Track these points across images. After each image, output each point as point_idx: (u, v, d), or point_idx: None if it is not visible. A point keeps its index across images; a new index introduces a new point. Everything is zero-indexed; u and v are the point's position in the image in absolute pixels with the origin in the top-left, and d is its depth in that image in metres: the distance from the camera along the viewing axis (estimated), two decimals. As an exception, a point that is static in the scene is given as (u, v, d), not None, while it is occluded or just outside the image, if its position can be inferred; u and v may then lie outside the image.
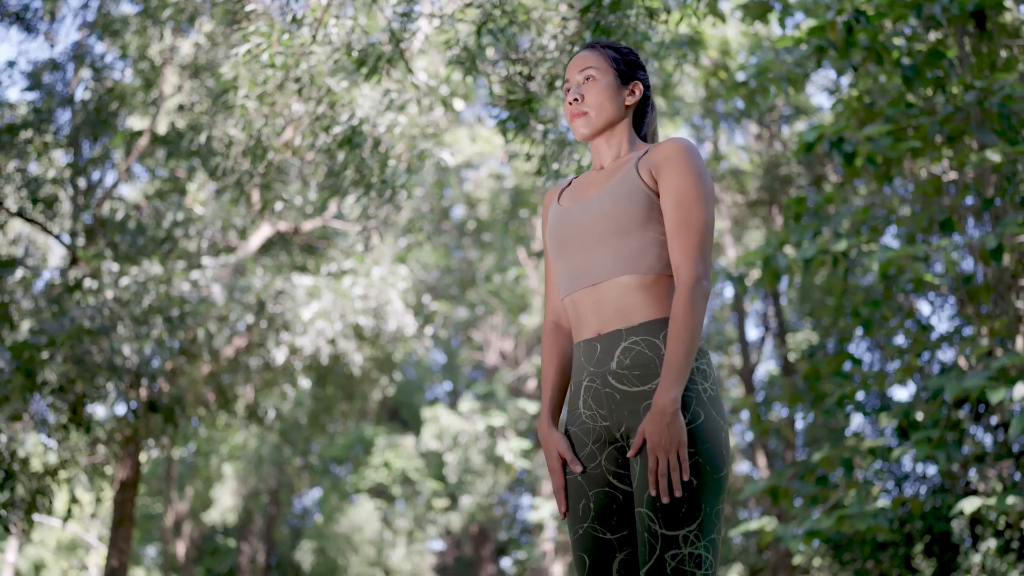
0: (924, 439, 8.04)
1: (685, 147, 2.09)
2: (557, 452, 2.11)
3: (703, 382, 2.03)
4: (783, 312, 14.86)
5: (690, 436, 1.97)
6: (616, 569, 2.06)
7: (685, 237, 2.02)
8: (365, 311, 9.39)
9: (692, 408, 2.00)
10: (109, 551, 10.69)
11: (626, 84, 2.25)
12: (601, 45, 2.29)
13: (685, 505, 1.95)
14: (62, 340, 8.16)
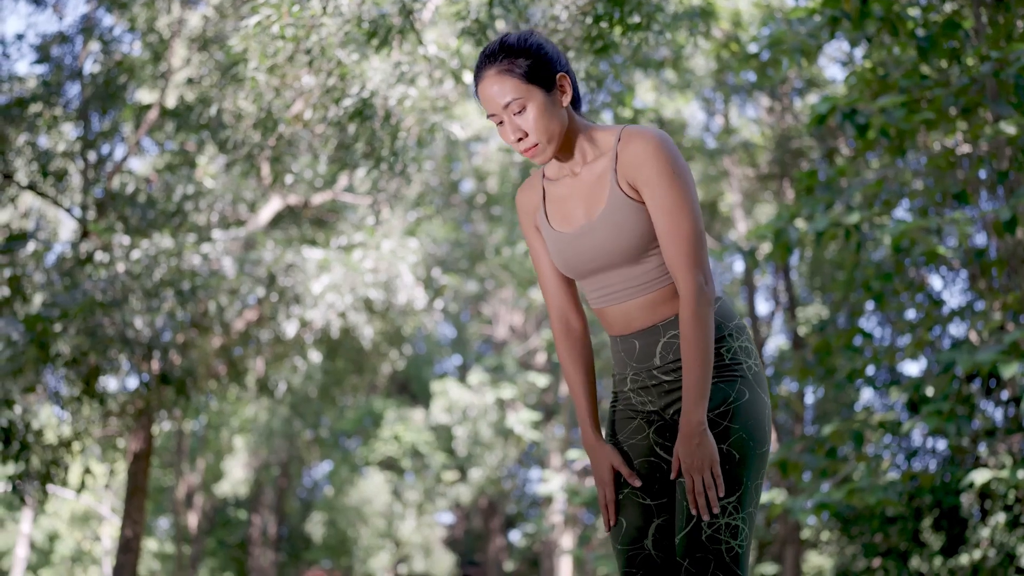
0: (934, 412, 8.03)
1: (656, 146, 1.97)
2: (610, 464, 2.08)
3: (747, 360, 2.06)
4: (793, 286, 14.83)
5: (735, 413, 2.01)
6: (652, 533, 2.09)
7: (677, 247, 1.95)
8: (375, 284, 9.39)
9: (737, 387, 2.03)
10: (123, 521, 10.79)
11: (553, 87, 2.03)
12: (502, 57, 2.01)
13: (726, 478, 1.99)
14: (75, 313, 8.19)
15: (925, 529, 13.62)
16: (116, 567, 10.71)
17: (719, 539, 1.96)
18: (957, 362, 7.72)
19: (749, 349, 2.07)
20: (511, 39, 2.04)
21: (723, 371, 2.03)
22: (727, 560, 1.96)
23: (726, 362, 2.03)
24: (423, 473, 18.52)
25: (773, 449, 12.52)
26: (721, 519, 1.97)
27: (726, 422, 2.00)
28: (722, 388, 2.02)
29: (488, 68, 2.03)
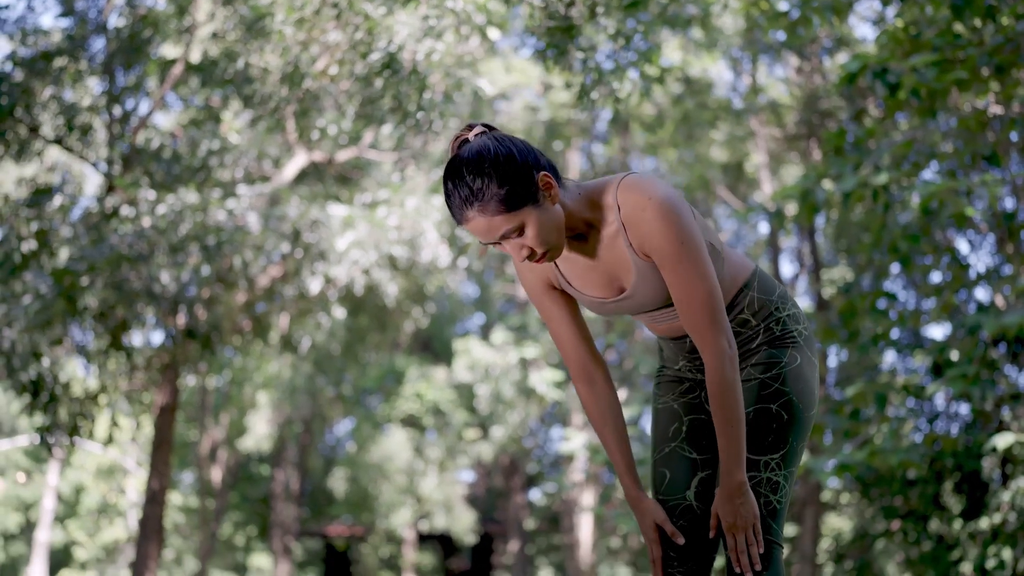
0: (959, 376, 8.00)
1: (656, 215, 1.85)
2: (654, 522, 2.06)
3: (796, 325, 2.08)
4: (818, 249, 14.73)
5: (786, 377, 2.03)
6: (695, 485, 2.11)
7: (695, 316, 1.89)
8: (399, 241, 9.40)
9: (789, 352, 2.05)
10: (149, 474, 10.94)
11: (538, 196, 1.87)
12: (475, 201, 1.84)
13: (772, 436, 2.01)
14: (102, 267, 8.26)
15: (946, 493, 13.61)
16: (143, 519, 10.87)
17: (760, 493, 1.99)
18: (983, 325, 7.68)
19: (797, 315, 2.09)
20: (472, 171, 1.84)
21: (776, 342, 2.05)
22: (764, 513, 1.99)
23: (777, 334, 2.06)
24: (445, 431, 18.64)
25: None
26: (763, 473, 2.00)
27: (777, 384, 2.02)
28: (775, 353, 2.04)
29: (465, 211, 1.86)
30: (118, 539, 24.09)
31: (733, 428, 1.90)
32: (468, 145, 1.89)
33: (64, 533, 26.10)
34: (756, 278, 2.07)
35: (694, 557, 2.06)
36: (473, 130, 1.92)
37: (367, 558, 20.90)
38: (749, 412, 2.02)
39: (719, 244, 2.01)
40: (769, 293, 2.07)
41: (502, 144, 1.87)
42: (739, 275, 2.04)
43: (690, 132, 14.42)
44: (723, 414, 1.89)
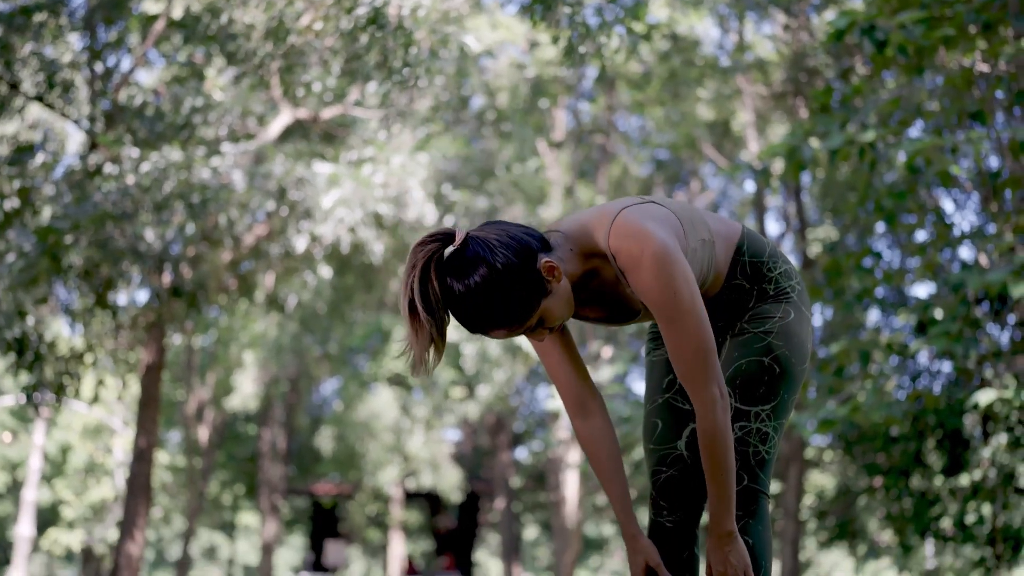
0: (942, 334, 8.06)
1: (652, 270, 1.83)
2: (645, 562, 2.05)
3: (788, 281, 2.09)
4: (804, 208, 14.76)
5: (779, 331, 2.04)
6: (686, 435, 2.13)
7: (687, 365, 1.87)
8: (385, 199, 9.37)
9: (783, 307, 2.06)
10: (136, 432, 10.95)
11: (547, 288, 1.85)
12: (490, 320, 1.82)
13: (764, 388, 2.04)
14: (86, 224, 8.20)
15: (927, 450, 13.77)
16: (130, 477, 10.90)
17: (748, 442, 2.02)
18: (967, 283, 7.72)
19: (789, 271, 2.10)
20: (480, 302, 1.79)
21: (770, 300, 2.06)
22: (752, 463, 2.02)
23: (771, 293, 2.06)
24: (431, 390, 18.71)
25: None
26: (753, 423, 2.02)
27: (770, 339, 2.04)
28: (768, 308, 2.06)
29: (481, 332, 1.87)
30: (105, 498, 24.17)
31: (722, 476, 1.89)
32: (463, 268, 1.81)
33: (51, 492, 26.17)
34: (746, 242, 2.07)
35: (684, 506, 2.08)
36: (455, 240, 1.83)
37: (354, 516, 21.05)
38: (741, 364, 2.03)
39: (709, 233, 2.00)
40: (760, 254, 2.06)
41: (497, 254, 1.81)
42: (730, 247, 2.04)
43: (676, 90, 14.36)
44: (712, 461, 1.89)
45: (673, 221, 1.92)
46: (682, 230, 1.93)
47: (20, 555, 21.26)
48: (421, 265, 1.80)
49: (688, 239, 1.93)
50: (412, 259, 1.81)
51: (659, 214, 1.91)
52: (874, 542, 21.46)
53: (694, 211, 2.02)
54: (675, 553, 2.07)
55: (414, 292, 1.79)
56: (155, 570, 34.33)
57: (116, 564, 10.53)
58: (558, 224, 1.98)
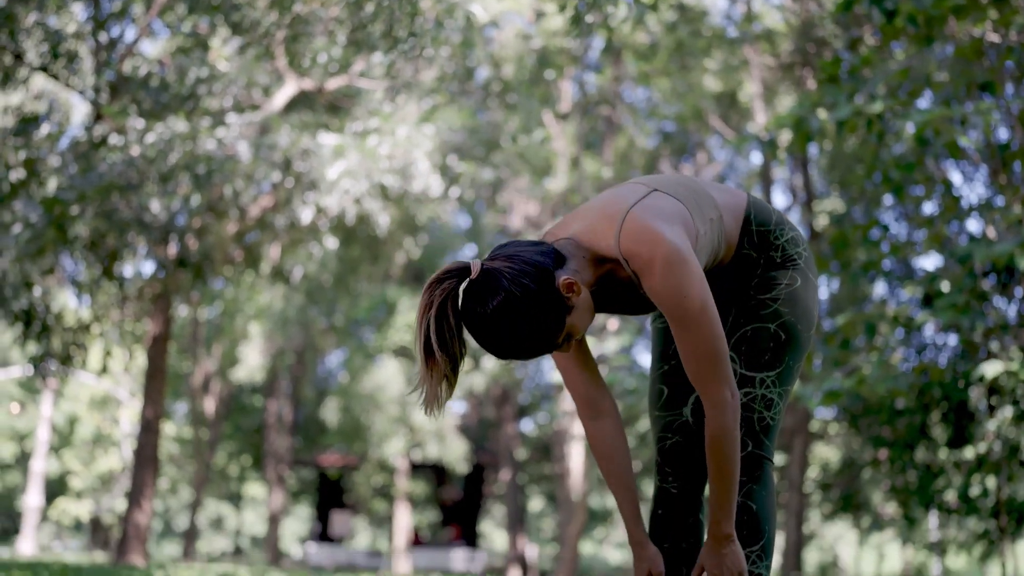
0: (948, 305, 8.04)
1: (663, 274, 1.82)
2: (648, 570, 2.04)
3: (795, 248, 2.07)
4: (811, 180, 14.70)
5: (786, 298, 2.03)
6: (691, 402, 2.13)
7: (698, 367, 1.86)
8: (391, 171, 9.34)
9: (790, 274, 2.05)
10: (143, 403, 10.99)
11: (569, 305, 1.85)
12: (521, 351, 1.83)
13: (769, 354, 2.03)
14: (91, 195, 8.20)
15: (932, 423, 13.79)
16: (137, 448, 10.96)
17: (753, 408, 2.02)
18: (974, 255, 7.70)
19: (796, 238, 2.08)
20: (509, 336, 1.80)
21: (777, 267, 2.04)
22: (757, 429, 2.01)
23: (778, 260, 2.05)
24: (437, 362, 18.71)
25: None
26: (758, 390, 2.02)
27: (776, 305, 2.03)
28: (775, 275, 2.04)
29: (520, 359, 1.89)
30: (113, 469, 24.34)
31: (726, 480, 1.88)
32: (485, 302, 1.80)
33: (59, 463, 26.36)
34: (752, 211, 2.05)
35: (689, 472, 2.09)
36: (471, 273, 1.82)
37: (360, 487, 21.14)
38: (747, 330, 2.03)
39: (716, 209, 1.98)
40: (767, 222, 2.04)
41: (516, 284, 1.79)
42: (738, 219, 2.02)
43: (683, 61, 14.28)
44: (717, 464, 1.87)
45: (680, 212, 1.90)
46: (691, 219, 1.90)
47: (29, 525, 21.44)
48: (438, 304, 1.79)
49: (697, 224, 1.92)
50: (428, 297, 1.80)
51: (666, 209, 1.88)
52: (878, 514, 21.55)
53: (699, 188, 2.00)
54: (681, 519, 2.08)
55: (431, 331, 1.78)
56: (163, 540, 34.61)
57: (124, 533, 10.61)
58: (565, 227, 1.95)
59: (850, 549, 28.38)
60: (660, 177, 2.01)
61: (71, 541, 33.38)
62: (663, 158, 17.30)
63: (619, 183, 2.08)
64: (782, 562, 13.26)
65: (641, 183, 1.97)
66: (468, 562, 20.61)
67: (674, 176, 2.03)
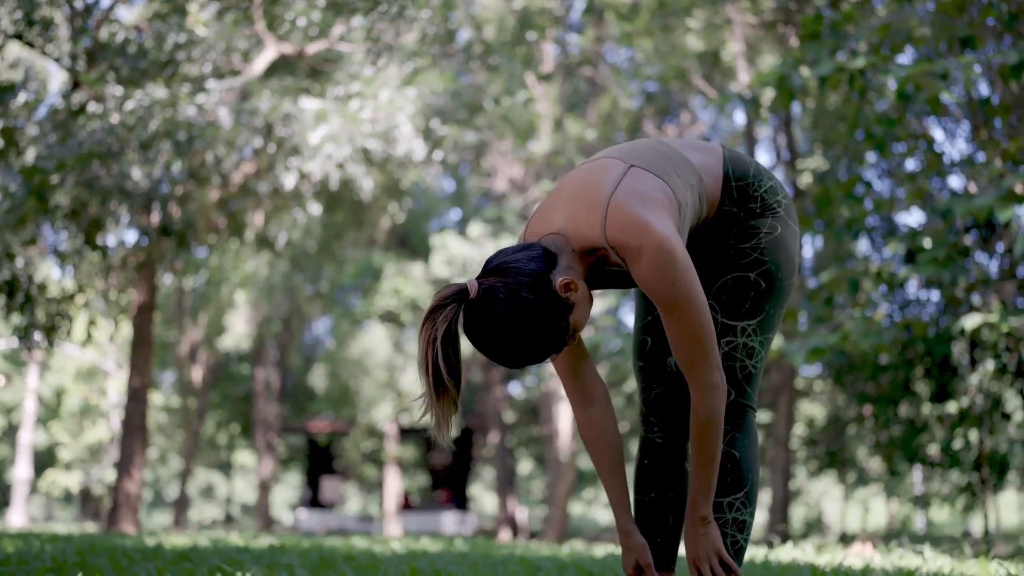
0: (931, 259, 8.09)
1: (651, 263, 1.82)
2: (637, 561, 2.04)
3: (775, 196, 2.07)
4: (794, 139, 14.70)
5: (766, 247, 2.04)
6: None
7: (687, 352, 1.86)
8: (374, 135, 9.30)
9: (770, 222, 2.05)
10: (130, 372, 10.98)
11: (570, 304, 1.86)
12: (528, 359, 1.86)
13: (749, 303, 2.04)
14: (71, 164, 8.14)
15: (916, 378, 13.92)
16: (126, 417, 10.96)
17: (735, 357, 2.03)
18: (954, 209, 7.74)
19: (774, 187, 2.07)
20: (515, 347, 1.82)
21: (756, 216, 2.04)
22: (739, 377, 2.03)
23: (757, 211, 2.04)
24: (423, 327, 18.74)
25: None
26: (739, 338, 2.04)
27: (756, 254, 2.04)
28: (755, 223, 2.04)
29: (535, 363, 1.91)
30: (101, 440, 24.36)
31: (709, 464, 1.89)
32: (489, 320, 1.81)
33: (47, 435, 26.36)
34: (730, 167, 2.04)
35: (673, 422, 2.10)
36: (470, 293, 1.82)
37: (349, 453, 21.24)
38: (727, 279, 2.04)
39: (695, 173, 1.97)
40: (744, 176, 2.04)
41: (516, 298, 1.80)
42: (717, 178, 2.02)
43: (666, 21, 14.20)
44: (701, 447, 1.89)
45: (661, 191, 1.88)
46: (672, 194, 1.89)
47: (19, 497, 21.47)
48: (443, 333, 1.79)
49: (678, 196, 1.91)
50: (431, 328, 1.80)
51: (647, 191, 1.86)
52: (863, 470, 21.79)
53: (675, 155, 1.98)
54: (666, 468, 2.10)
55: (439, 361, 1.79)
56: (153, 510, 34.72)
57: (115, 502, 10.64)
58: (545, 219, 1.92)
59: (835, 504, 28.73)
60: (635, 147, 1.99)
61: (62, 512, 33.46)
62: (646, 119, 17.26)
63: (593, 158, 2.05)
64: (768, 518, 13.42)
65: (617, 158, 1.95)
66: (459, 525, 20.77)
67: (649, 143, 2.01)
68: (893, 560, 4.56)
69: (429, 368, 1.80)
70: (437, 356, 1.79)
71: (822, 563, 4.24)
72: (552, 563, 4.47)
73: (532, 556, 5.31)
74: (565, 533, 16.34)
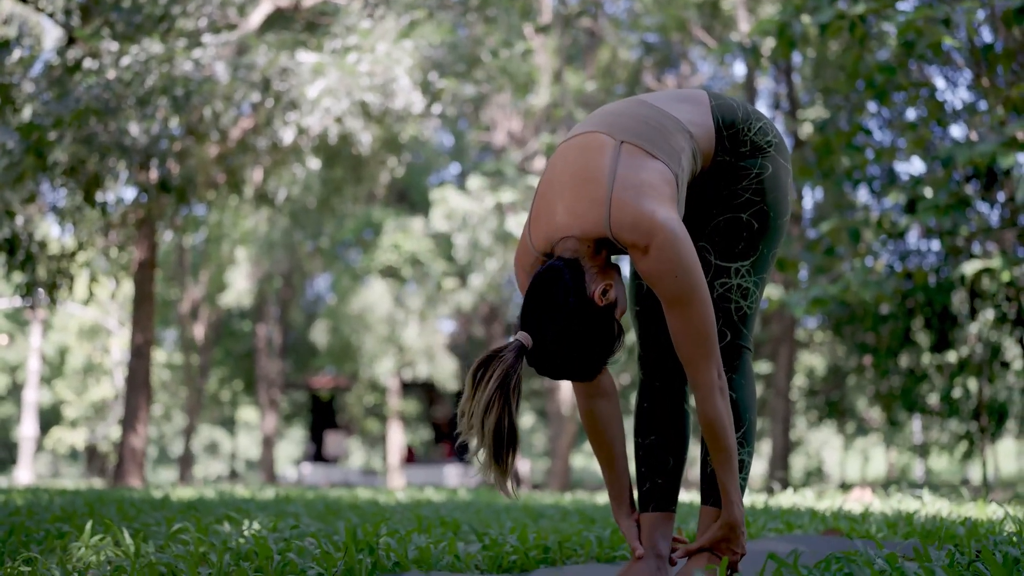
0: (931, 207, 8.08)
1: (655, 258, 1.82)
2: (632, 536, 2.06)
3: (764, 136, 2.05)
4: (795, 89, 14.61)
5: (759, 187, 2.02)
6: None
7: (687, 347, 1.86)
8: (372, 88, 9.24)
9: (760, 162, 2.03)
10: (133, 329, 11.02)
11: (614, 312, 1.88)
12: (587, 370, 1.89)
13: (743, 243, 2.03)
14: (69, 120, 8.11)
15: (916, 329, 13.97)
16: (129, 374, 11.02)
17: (729, 298, 2.03)
18: (956, 157, 7.71)
19: (764, 127, 2.05)
20: (588, 367, 1.87)
21: (747, 157, 2.02)
22: (735, 319, 2.03)
23: (747, 152, 2.02)
24: (424, 281, 18.79)
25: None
26: (733, 280, 2.03)
27: (748, 194, 2.02)
28: (745, 164, 2.02)
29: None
30: (105, 397, 24.49)
31: (730, 460, 1.89)
32: (557, 363, 1.86)
33: (52, 393, 26.50)
34: (719, 116, 2.01)
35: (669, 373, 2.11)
36: (526, 343, 1.84)
37: (352, 407, 21.37)
38: (720, 221, 2.02)
39: (686, 134, 1.94)
40: (733, 122, 2.01)
41: (571, 334, 1.84)
42: (709, 131, 1.99)
43: (665, -30, 14.05)
44: (717, 445, 1.89)
45: (659, 173, 1.86)
46: (668, 171, 1.87)
47: (25, 454, 21.64)
48: (515, 398, 1.80)
49: (674, 168, 1.89)
50: (494, 392, 1.79)
51: (646, 177, 1.84)
52: (863, 419, 21.94)
53: (663, 119, 1.94)
54: (666, 410, 2.10)
55: (513, 425, 1.80)
56: (158, 466, 35.02)
57: (121, 458, 10.73)
58: (548, 217, 1.90)
59: (835, 454, 28.95)
60: (621, 117, 1.96)
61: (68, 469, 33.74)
62: (646, 70, 17.14)
63: (581, 129, 2.01)
64: (768, 468, 13.53)
65: (605, 132, 1.91)
66: (462, 478, 20.95)
67: (635, 110, 1.97)
68: (892, 504, 4.61)
69: (494, 434, 1.80)
70: (512, 419, 1.80)
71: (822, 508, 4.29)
72: (555, 509, 4.52)
73: (535, 504, 5.37)
74: (567, 485, 16.49)
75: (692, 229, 2.06)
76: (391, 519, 3.34)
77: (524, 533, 2.51)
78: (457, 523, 3.21)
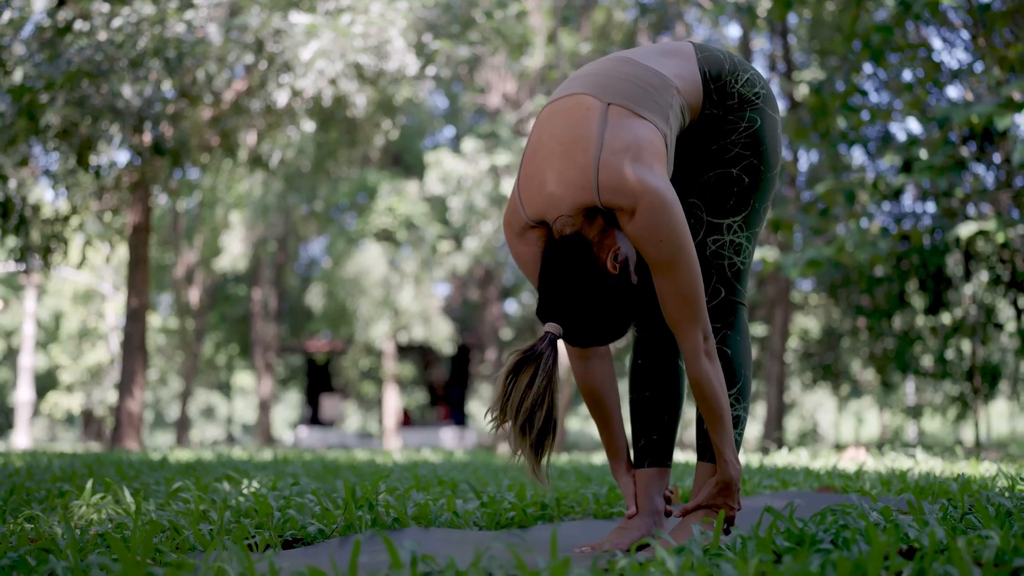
0: (927, 167, 8.07)
1: (643, 223, 1.80)
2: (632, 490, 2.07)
3: (752, 88, 2.03)
4: (791, 50, 14.53)
5: (748, 140, 2.01)
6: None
7: (674, 310, 1.85)
8: (366, 49, 9.17)
9: (748, 115, 2.01)
10: (128, 293, 11.01)
11: (627, 276, 1.86)
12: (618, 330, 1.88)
13: (734, 199, 2.02)
14: (61, 82, 8.04)
15: (911, 291, 14.01)
16: (125, 338, 11.02)
17: (722, 255, 2.03)
18: (952, 117, 7.69)
19: (752, 79, 2.02)
20: (618, 329, 1.87)
21: (735, 110, 2.00)
22: (729, 275, 2.04)
23: (735, 105, 2.00)
24: (419, 244, 18.77)
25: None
26: (726, 236, 2.03)
27: (737, 149, 2.00)
28: (732, 118, 2.00)
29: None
30: (101, 362, 24.53)
31: (722, 420, 1.89)
32: (590, 336, 1.87)
33: (47, 358, 26.52)
34: (706, 68, 1.99)
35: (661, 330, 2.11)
36: (556, 332, 1.85)
37: (348, 371, 21.43)
38: (710, 176, 2.01)
39: (674, 90, 1.92)
40: (720, 74, 1.99)
41: (595, 307, 1.84)
42: (696, 84, 1.97)
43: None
44: (706, 406, 1.88)
45: (646, 135, 1.84)
46: (656, 130, 1.85)
47: (22, 419, 21.70)
48: (555, 387, 1.81)
49: (662, 126, 1.87)
50: (542, 376, 1.79)
51: (634, 142, 1.82)
52: (857, 381, 22.05)
53: (650, 77, 1.91)
54: (660, 366, 2.12)
55: (556, 414, 1.81)
56: (155, 431, 35.14)
57: (118, 421, 10.76)
58: (538, 186, 1.88)
59: (829, 416, 29.13)
60: (607, 77, 1.93)
61: (65, 434, 33.85)
62: (641, 32, 17.02)
63: (566, 90, 1.99)
64: (763, 430, 13.61)
65: (592, 94, 1.89)
66: (458, 440, 21.06)
67: (620, 69, 1.94)
68: (886, 463, 4.65)
69: (535, 423, 1.81)
70: (555, 409, 1.82)
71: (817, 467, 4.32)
72: (552, 469, 4.56)
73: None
74: (563, 447, 16.58)
75: (682, 186, 2.05)
76: (389, 478, 3.37)
77: (522, 491, 2.53)
78: (455, 482, 3.24)
